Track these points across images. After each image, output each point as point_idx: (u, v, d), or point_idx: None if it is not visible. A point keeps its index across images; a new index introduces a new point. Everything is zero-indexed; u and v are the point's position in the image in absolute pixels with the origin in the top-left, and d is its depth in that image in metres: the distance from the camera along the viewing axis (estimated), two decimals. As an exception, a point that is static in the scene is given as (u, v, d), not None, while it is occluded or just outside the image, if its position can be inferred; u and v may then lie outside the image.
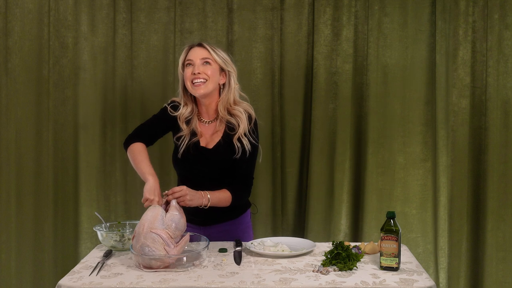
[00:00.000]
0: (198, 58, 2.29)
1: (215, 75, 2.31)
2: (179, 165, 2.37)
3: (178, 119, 2.36)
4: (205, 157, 2.31)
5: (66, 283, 1.84)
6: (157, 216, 2.00)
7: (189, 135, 2.33)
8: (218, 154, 2.31)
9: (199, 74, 2.27)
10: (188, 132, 2.33)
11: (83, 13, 3.22)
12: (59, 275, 2.92)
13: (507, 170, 3.24)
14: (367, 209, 3.23)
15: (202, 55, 2.30)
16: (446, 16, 3.21)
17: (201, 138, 2.35)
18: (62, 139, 3.27)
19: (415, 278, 1.87)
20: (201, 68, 2.28)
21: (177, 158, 2.34)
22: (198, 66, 2.28)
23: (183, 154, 2.32)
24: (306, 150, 3.29)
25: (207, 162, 2.31)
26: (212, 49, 2.31)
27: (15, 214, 3.27)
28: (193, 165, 2.33)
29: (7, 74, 3.23)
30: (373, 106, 3.24)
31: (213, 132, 2.36)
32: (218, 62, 2.31)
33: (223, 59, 2.33)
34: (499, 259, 3.26)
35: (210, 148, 2.32)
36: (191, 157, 2.32)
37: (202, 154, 2.32)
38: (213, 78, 2.30)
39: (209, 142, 2.34)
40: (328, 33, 3.23)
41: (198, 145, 2.33)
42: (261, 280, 1.84)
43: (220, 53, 2.33)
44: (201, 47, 2.32)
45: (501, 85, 3.23)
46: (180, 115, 2.36)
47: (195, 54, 2.31)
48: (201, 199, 2.18)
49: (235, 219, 2.42)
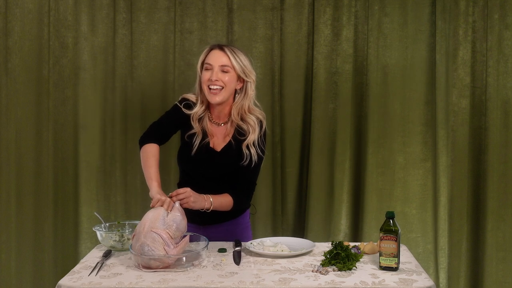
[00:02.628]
0: (217, 63, 2.25)
1: (232, 82, 2.27)
2: (187, 163, 2.36)
3: (191, 117, 2.33)
4: (212, 158, 2.31)
5: (66, 283, 1.84)
6: (158, 216, 2.00)
7: (201, 134, 2.32)
8: (225, 157, 2.30)
9: (216, 81, 2.24)
10: (200, 130, 2.32)
11: (83, 13, 3.22)
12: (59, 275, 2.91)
13: (507, 170, 3.24)
14: (367, 209, 3.23)
15: (221, 62, 2.25)
16: (446, 16, 3.21)
17: (211, 139, 2.34)
18: (62, 139, 3.27)
19: (414, 278, 1.87)
20: (219, 75, 2.24)
21: (188, 156, 2.32)
22: (216, 72, 2.24)
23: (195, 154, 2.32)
24: (306, 150, 3.29)
25: (213, 164, 2.31)
26: (233, 55, 2.26)
27: (15, 214, 3.27)
28: (199, 165, 2.33)
29: (7, 74, 3.23)
30: (373, 106, 3.24)
31: (223, 134, 2.35)
32: (237, 70, 2.26)
33: (242, 67, 2.27)
34: (499, 259, 3.26)
35: (218, 151, 2.32)
36: (200, 157, 2.32)
37: (210, 155, 2.32)
38: (229, 86, 2.27)
39: (218, 144, 2.34)
40: (328, 33, 3.23)
41: (207, 146, 2.33)
42: (261, 280, 1.84)
43: (240, 60, 2.27)
44: (222, 51, 2.26)
45: (501, 85, 3.23)
46: (194, 114, 2.33)
47: (214, 58, 2.26)
48: (204, 202, 2.18)
49: (234, 219, 2.42)
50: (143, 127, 3.15)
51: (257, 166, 2.34)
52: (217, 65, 2.25)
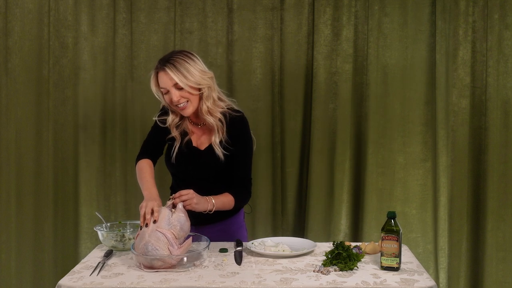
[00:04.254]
0: (169, 85, 2.20)
1: (192, 92, 2.22)
2: (173, 166, 2.38)
3: (169, 127, 2.34)
4: (198, 158, 2.31)
5: (66, 283, 1.84)
6: (164, 217, 2.01)
7: (179, 138, 2.33)
8: (209, 156, 2.30)
9: (179, 100, 2.22)
10: (178, 134, 2.33)
11: (83, 13, 3.22)
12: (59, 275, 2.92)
13: (507, 170, 3.24)
14: (367, 209, 3.23)
15: (171, 82, 2.19)
16: (446, 16, 3.21)
17: (193, 136, 2.35)
18: (62, 139, 3.27)
19: (415, 278, 1.87)
20: (178, 93, 2.21)
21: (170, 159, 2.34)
22: (174, 92, 2.20)
23: (177, 157, 2.33)
24: (306, 150, 3.29)
25: (200, 163, 2.31)
26: (177, 73, 2.17)
27: (15, 214, 3.27)
28: (186, 166, 2.33)
29: (7, 74, 3.23)
30: (373, 106, 3.24)
31: (206, 134, 2.35)
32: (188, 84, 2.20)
33: (190, 80, 2.19)
34: (499, 259, 3.26)
35: (202, 150, 2.32)
36: (184, 157, 2.32)
37: (195, 155, 2.32)
38: (192, 96, 2.23)
39: (201, 143, 2.34)
40: (328, 33, 3.23)
41: (190, 145, 2.33)
42: (262, 280, 1.84)
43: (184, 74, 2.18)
44: (165, 72, 2.20)
45: (501, 85, 3.23)
46: (171, 124, 2.33)
47: (164, 81, 2.21)
48: (207, 204, 2.18)
49: (228, 219, 2.41)
50: (143, 127, 3.17)
51: (246, 160, 2.33)
52: (170, 86, 2.21)
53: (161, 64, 2.22)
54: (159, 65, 2.23)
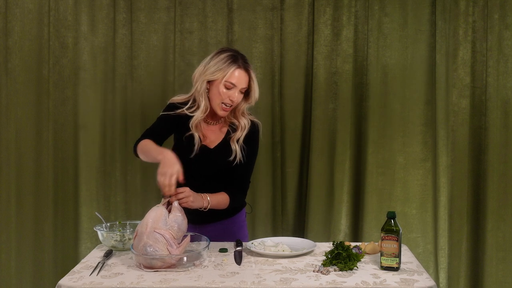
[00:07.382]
0: (240, 85, 2.24)
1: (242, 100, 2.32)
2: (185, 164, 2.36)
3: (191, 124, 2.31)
4: (206, 156, 2.32)
5: (66, 283, 1.84)
6: (160, 217, 2.00)
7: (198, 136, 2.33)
8: (219, 154, 2.31)
9: (234, 102, 2.27)
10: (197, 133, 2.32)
11: (83, 13, 3.22)
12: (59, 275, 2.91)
13: (507, 170, 3.24)
14: (367, 209, 3.23)
15: (244, 84, 2.25)
16: (446, 16, 3.21)
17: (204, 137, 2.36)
18: (62, 139, 3.27)
19: (415, 278, 1.87)
20: (238, 96, 2.26)
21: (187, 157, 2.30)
22: (238, 94, 2.25)
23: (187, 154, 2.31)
24: (306, 150, 3.29)
25: (209, 161, 2.32)
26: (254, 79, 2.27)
27: (15, 214, 3.27)
28: (196, 164, 2.33)
29: (7, 74, 3.23)
30: (373, 106, 3.24)
31: (215, 133, 2.36)
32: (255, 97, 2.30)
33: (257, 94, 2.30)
34: (499, 259, 3.26)
35: (211, 148, 2.33)
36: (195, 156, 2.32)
37: (204, 153, 2.32)
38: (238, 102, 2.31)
39: (211, 142, 2.35)
40: (328, 33, 3.23)
41: (201, 144, 2.33)
42: (262, 280, 1.84)
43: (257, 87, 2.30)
44: (247, 73, 2.25)
45: (501, 85, 3.23)
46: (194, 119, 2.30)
47: (239, 80, 2.24)
48: (202, 201, 2.19)
49: (230, 218, 2.42)
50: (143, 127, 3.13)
51: (250, 164, 2.36)
52: (240, 87, 2.25)
53: (245, 62, 2.26)
54: (243, 62, 2.25)
